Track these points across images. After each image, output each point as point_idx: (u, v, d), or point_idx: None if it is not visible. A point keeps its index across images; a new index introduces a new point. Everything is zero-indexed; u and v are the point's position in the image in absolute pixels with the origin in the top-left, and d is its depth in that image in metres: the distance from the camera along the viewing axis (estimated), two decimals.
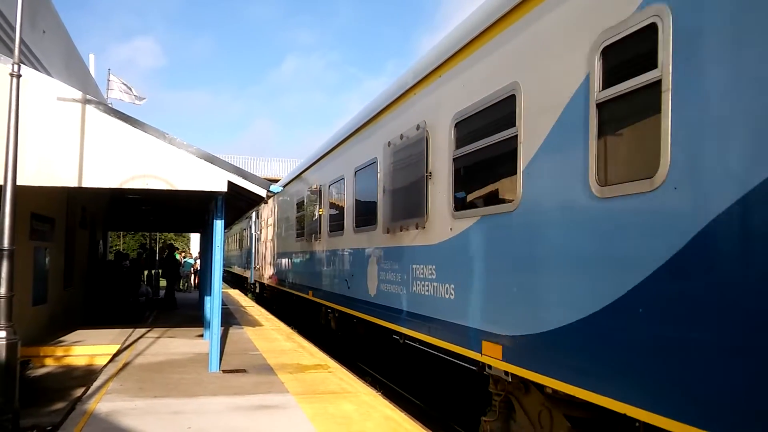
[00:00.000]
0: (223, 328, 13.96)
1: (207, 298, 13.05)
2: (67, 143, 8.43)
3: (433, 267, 7.39)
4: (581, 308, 4.66)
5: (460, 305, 6.63)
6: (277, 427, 6.59)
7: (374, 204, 9.65)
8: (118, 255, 25.14)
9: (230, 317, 18.05)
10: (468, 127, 6.71)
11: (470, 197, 6.76)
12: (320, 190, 13.72)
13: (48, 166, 8.34)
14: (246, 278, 29.57)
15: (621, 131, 4.57)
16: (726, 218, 3.49)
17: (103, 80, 24.54)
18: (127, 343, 12.37)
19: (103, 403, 7.46)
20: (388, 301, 8.93)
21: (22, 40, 7.01)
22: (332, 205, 12.73)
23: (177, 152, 8.88)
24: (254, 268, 26.45)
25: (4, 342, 6.23)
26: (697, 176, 3.73)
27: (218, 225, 9.93)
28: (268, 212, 22.68)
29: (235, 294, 30.31)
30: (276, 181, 22.80)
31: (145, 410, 7.17)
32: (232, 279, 38.87)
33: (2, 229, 6.39)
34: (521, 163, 5.56)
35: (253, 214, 25.82)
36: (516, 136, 5.65)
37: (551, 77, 5.21)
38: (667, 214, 3.92)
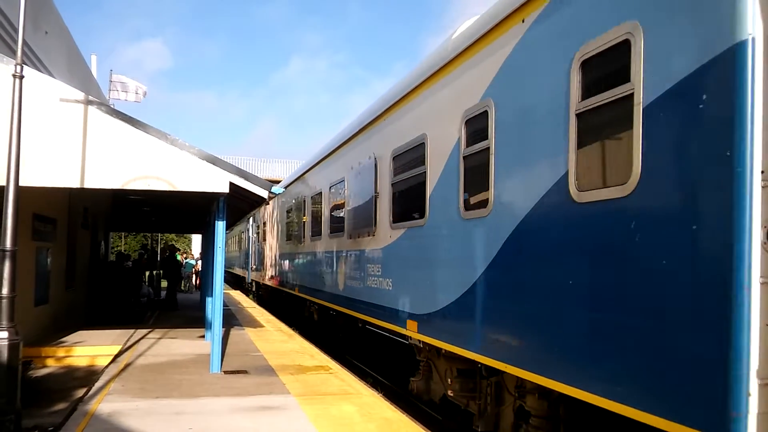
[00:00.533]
0: (224, 329, 13.97)
1: (208, 299, 13.07)
2: (70, 144, 8.45)
3: (380, 266, 9.45)
4: (454, 292, 6.80)
5: (395, 294, 8.73)
6: (279, 428, 6.59)
7: (342, 215, 11.71)
8: (120, 256, 25.16)
9: (232, 318, 18.06)
10: (401, 161, 8.86)
11: (401, 213, 8.79)
12: (304, 200, 15.83)
13: (50, 167, 8.35)
14: (245, 278, 31.34)
15: (475, 176, 6.58)
16: (518, 234, 5.66)
17: (105, 81, 24.60)
18: (128, 344, 12.38)
19: (105, 404, 7.46)
20: (351, 294, 10.92)
21: (24, 41, 7.03)
22: (313, 214, 14.76)
23: (179, 153, 8.89)
24: (251, 268, 27.99)
25: (6, 342, 6.24)
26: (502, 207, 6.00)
27: (219, 226, 9.94)
28: (263, 216, 24.11)
29: (237, 295, 30.32)
30: (278, 182, 22.74)
31: (147, 411, 7.18)
32: (232, 279, 38.94)
33: (4, 230, 6.40)
34: (428, 191, 7.71)
35: (251, 218, 27.02)
36: (425, 171, 7.83)
37: (443, 134, 7.35)
38: (493, 229, 6.06)
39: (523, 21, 5.64)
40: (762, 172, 3.37)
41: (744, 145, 3.37)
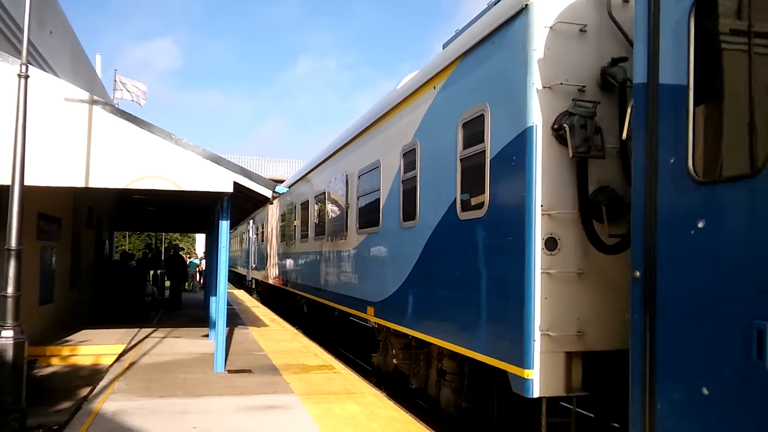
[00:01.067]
0: (228, 328, 13.98)
1: (212, 299, 13.09)
2: (74, 144, 8.47)
3: (350, 263, 11.55)
4: (396, 284, 8.78)
5: (359, 287, 10.85)
6: (283, 427, 6.61)
7: (324, 221, 13.95)
8: (124, 255, 25.22)
9: (235, 317, 18.09)
10: (364, 179, 10.81)
11: (364, 221, 10.72)
12: (295, 207, 18.13)
13: (55, 167, 8.37)
14: (246, 276, 33.44)
15: (409, 196, 8.49)
16: (432, 240, 7.75)
17: (110, 80, 24.64)
18: (132, 343, 12.42)
19: (109, 403, 7.48)
20: (330, 288, 13.10)
21: (29, 41, 7.05)
22: (302, 219, 16.94)
23: (183, 153, 8.91)
24: (251, 267, 30.27)
25: (11, 341, 6.27)
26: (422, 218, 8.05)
27: (224, 225, 9.95)
28: (261, 219, 26.07)
29: (241, 294, 30.37)
30: (281, 181, 22.78)
31: (151, 410, 7.20)
32: (235, 278, 39.09)
33: (9, 229, 6.43)
34: (381, 205, 9.65)
35: (251, 220, 28.73)
36: (379, 189, 9.80)
37: (390, 162, 9.33)
38: (419, 236, 8.03)
39: (434, 88, 7.79)
40: (541, 205, 5.50)
41: (531, 189, 5.52)
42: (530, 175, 5.53)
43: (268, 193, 9.70)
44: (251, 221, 28.77)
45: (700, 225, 3.61)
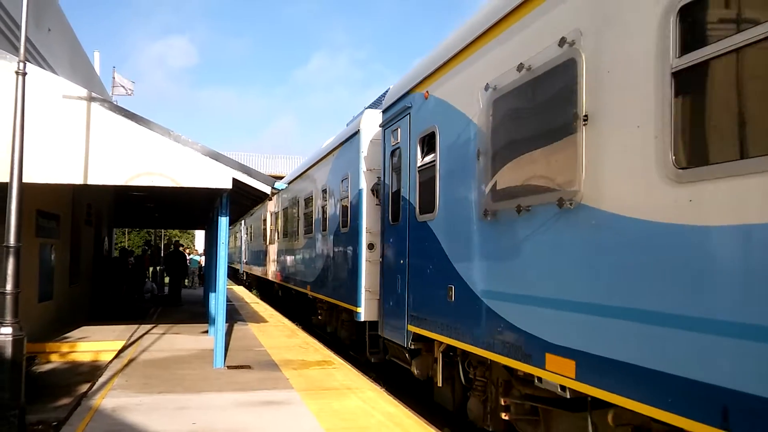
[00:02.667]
0: (227, 324, 13.99)
1: (211, 295, 13.10)
2: (73, 141, 8.47)
3: (299, 258, 17.15)
4: (318, 270, 14.12)
5: (303, 273, 16.13)
6: (282, 422, 6.63)
7: (287, 227, 19.33)
8: (123, 251, 25.22)
9: (235, 313, 18.12)
10: (303, 203, 16.25)
11: (306, 229, 15.98)
12: (270, 214, 23.03)
13: (53, 164, 8.38)
14: (238, 270, 38.68)
15: (320, 216, 13.74)
16: (329, 243, 13.42)
17: (109, 78, 24.61)
18: (132, 339, 12.44)
19: (109, 399, 7.51)
20: (290, 275, 18.56)
21: (27, 38, 7.05)
22: (274, 225, 22.07)
23: (182, 149, 8.91)
24: (243, 262, 35.31)
25: (10, 338, 6.28)
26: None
27: (223, 222, 9.96)
28: (251, 221, 30.74)
29: (240, 290, 30.38)
30: (281, 178, 22.93)
31: (151, 406, 7.22)
32: (230, 271, 39.63)
33: (8, 226, 6.44)
34: (313, 219, 14.71)
35: (243, 221, 33.03)
36: (312, 210, 14.93)
37: (316, 194, 14.63)
38: (326, 240, 13.58)
39: (333, 155, 13.32)
40: (365, 227, 10.52)
41: (362, 219, 10.66)
42: (362, 212, 10.89)
43: (267, 189, 9.70)
44: (243, 221, 32.64)
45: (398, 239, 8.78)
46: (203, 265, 28.78)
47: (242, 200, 12.32)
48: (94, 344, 11.99)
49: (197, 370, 9.44)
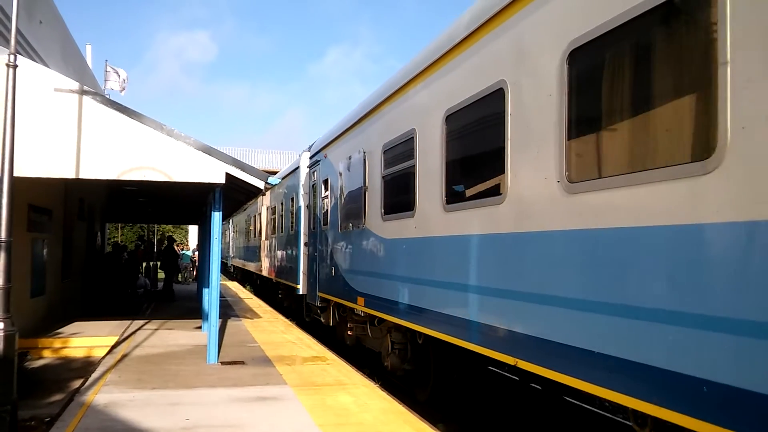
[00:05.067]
0: (221, 320, 13.96)
1: (205, 290, 13.05)
2: (65, 134, 8.40)
3: (266, 252, 22.87)
4: (278, 261, 19.52)
5: (271, 263, 21.33)
6: (276, 418, 6.61)
7: (261, 227, 24.44)
8: (116, 247, 25.11)
9: (229, 309, 18.08)
10: (269, 211, 22.19)
11: (270, 230, 21.63)
12: (257, 216, 26.15)
13: (45, 158, 8.31)
14: (227, 264, 43.12)
15: (284, 221, 18.56)
16: (284, 240, 18.71)
17: (101, 71, 24.42)
18: (125, 335, 12.39)
19: (101, 395, 7.47)
20: (262, 265, 23.65)
21: (18, 31, 6.97)
22: (254, 225, 27.21)
23: (175, 144, 8.85)
24: (231, 256, 40.03)
25: (2, 334, 6.22)
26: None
27: (216, 217, 9.91)
28: (236, 219, 35.77)
29: (233, 286, 30.33)
30: (275, 172, 23.10)
31: (144, 402, 7.19)
32: (222, 268, 40.25)
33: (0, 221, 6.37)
34: (276, 223, 20.39)
35: (231, 219, 37.35)
36: (274, 215, 20.98)
37: (277, 205, 20.20)
38: (283, 239, 18.93)
39: (287, 178, 18.54)
40: (302, 230, 15.59)
41: (300, 225, 15.86)
42: (301, 221, 15.71)
43: (260, 184, 9.66)
44: (231, 220, 37.61)
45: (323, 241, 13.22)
46: (195, 260, 28.72)
47: (235, 195, 12.27)
48: (86, 340, 11.94)
49: (191, 365, 9.41)
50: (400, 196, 8.59)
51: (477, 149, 6.68)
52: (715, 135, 3.51)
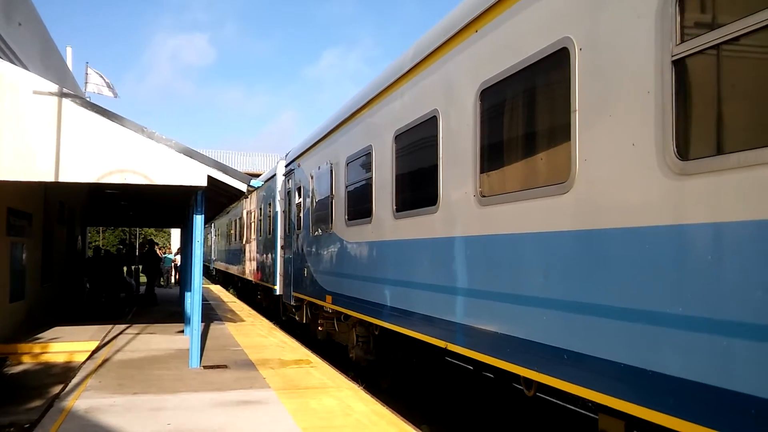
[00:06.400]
0: (204, 323, 13.89)
1: (187, 294, 12.97)
2: (44, 137, 8.31)
3: (245, 256, 24.22)
4: (256, 265, 20.78)
5: (250, 266, 22.61)
6: (258, 422, 6.58)
7: (241, 232, 25.56)
8: (97, 251, 24.85)
9: (211, 312, 17.98)
10: (246, 218, 24.06)
11: (248, 235, 23.10)
12: (238, 220, 27.22)
13: (24, 161, 8.22)
14: (209, 267, 44.38)
15: (262, 226, 19.94)
16: (262, 245, 20.06)
17: (82, 73, 24.20)
18: (106, 340, 12.27)
19: (82, 401, 7.39)
20: (242, 269, 24.72)
21: None
22: (239, 227, 27.14)
23: (156, 146, 8.80)
24: (213, 260, 41.62)
25: None
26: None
27: (198, 220, 9.86)
28: (218, 223, 36.86)
29: (217, 289, 30.16)
30: (258, 175, 23.19)
31: (125, 407, 7.12)
32: (204, 271, 40.29)
33: None
34: (253, 228, 21.96)
35: (213, 223, 38.34)
36: (252, 221, 22.25)
37: (254, 211, 21.90)
38: (261, 243, 20.10)
39: (260, 187, 19.75)
40: (280, 234, 16.40)
41: (277, 229, 16.60)
42: (278, 225, 16.50)
43: (242, 187, 9.62)
44: (213, 224, 38.76)
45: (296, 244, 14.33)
46: (178, 263, 28.53)
47: (218, 198, 12.22)
48: (67, 345, 11.80)
49: (173, 370, 9.34)
50: (360, 204, 9.55)
51: (419, 165, 7.61)
52: (569, 164, 4.54)
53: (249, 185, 9.76)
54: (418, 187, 7.67)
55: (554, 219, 4.74)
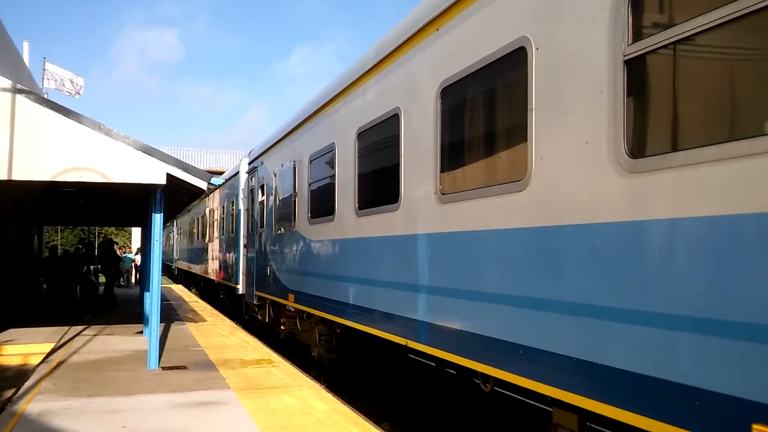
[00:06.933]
0: (164, 324, 13.67)
1: (146, 294, 12.74)
2: None
3: (207, 252, 23.97)
4: (219, 264, 20.55)
5: (210, 265, 22.85)
6: (217, 423, 6.50)
7: (204, 231, 25.09)
8: (53, 251, 24.21)
9: (172, 313, 17.69)
10: (205, 219, 24.78)
11: (211, 234, 22.64)
12: (201, 218, 26.80)
13: None
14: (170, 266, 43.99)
15: (224, 224, 19.74)
16: (224, 245, 20.00)
17: (39, 69, 23.62)
18: (62, 342, 11.97)
19: (35, 404, 7.19)
20: (206, 268, 24.06)
21: None
22: (197, 227, 28.02)
23: (113, 144, 8.62)
24: (175, 259, 40.46)
25: None
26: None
27: (157, 219, 9.69)
28: (180, 222, 36.41)
29: (179, 289, 29.70)
30: (221, 173, 22.98)
31: (79, 410, 6.96)
32: (164, 268, 39.37)
33: None
34: (216, 226, 21.30)
35: (175, 222, 38.05)
36: (216, 221, 21.59)
37: (214, 209, 22.15)
38: (223, 241, 19.94)
39: (224, 183, 19.44)
40: (243, 232, 16.05)
41: (240, 227, 16.34)
42: (240, 223, 16.27)
43: (203, 185, 9.49)
44: (174, 222, 38.12)
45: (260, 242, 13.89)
46: (138, 263, 28.02)
47: (178, 196, 12.02)
48: (21, 347, 11.48)
49: (130, 371, 9.16)
50: (323, 201, 9.54)
51: (381, 163, 7.63)
52: (526, 162, 4.61)
53: (210, 183, 9.63)
54: (380, 185, 7.68)
55: (511, 216, 4.79)
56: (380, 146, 7.59)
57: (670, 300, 3.32)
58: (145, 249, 18.02)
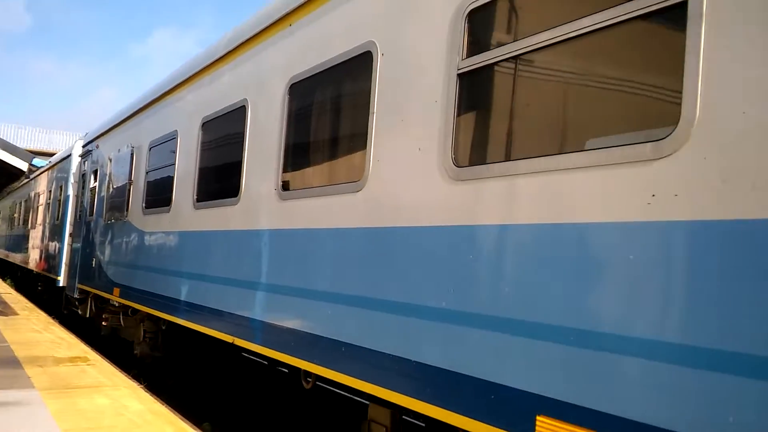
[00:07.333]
0: None
1: None
2: None
3: (30, 242, 21.37)
4: (44, 252, 18.48)
5: (31, 254, 20.69)
6: (13, 425, 5.85)
7: (26, 215, 22.40)
8: None
9: None
10: (51, 194, 18.22)
11: (50, 217, 18.18)
12: (24, 202, 23.84)
13: None
14: None
15: (52, 208, 17.83)
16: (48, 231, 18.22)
17: None
18: None
19: None
20: (26, 257, 21.98)
21: None
22: (32, 210, 23.40)
23: None
24: None
25: None
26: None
27: None
28: (4, 203, 32.84)
29: None
30: (52, 154, 21.04)
31: None
32: None
33: None
34: (40, 211, 19.76)
35: None
36: (60, 198, 16.91)
37: (64, 186, 16.66)
38: (54, 229, 17.28)
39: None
40: (69, 220, 15.10)
41: (67, 212, 15.49)
42: (68, 210, 15.36)
43: (23, 166, 8.73)
44: None
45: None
46: None
47: None
48: None
49: None
50: (160, 192, 9.12)
51: (223, 155, 7.45)
52: (364, 164, 4.71)
53: (31, 164, 8.79)
54: (221, 177, 7.51)
55: (348, 216, 4.87)
56: (224, 138, 7.41)
57: (475, 299, 3.55)
58: None
